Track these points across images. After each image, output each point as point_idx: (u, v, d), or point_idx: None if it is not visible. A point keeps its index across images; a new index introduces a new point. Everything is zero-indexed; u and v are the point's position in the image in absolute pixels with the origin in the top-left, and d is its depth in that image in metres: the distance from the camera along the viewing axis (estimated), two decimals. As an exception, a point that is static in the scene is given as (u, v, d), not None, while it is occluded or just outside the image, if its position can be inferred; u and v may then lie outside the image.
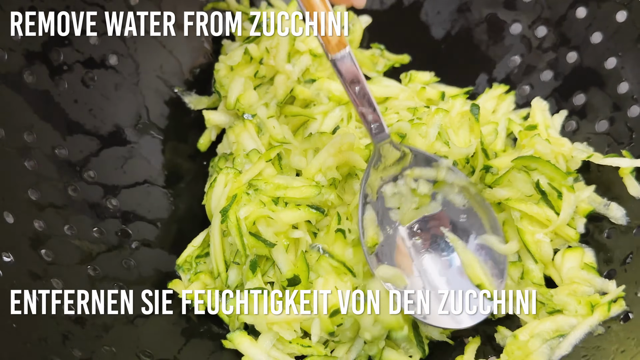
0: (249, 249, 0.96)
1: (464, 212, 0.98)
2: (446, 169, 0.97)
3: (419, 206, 0.99)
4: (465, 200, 0.98)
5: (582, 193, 1.02)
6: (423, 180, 0.98)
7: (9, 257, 0.85)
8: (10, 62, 0.95)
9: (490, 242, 0.96)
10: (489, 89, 1.17)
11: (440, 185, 0.99)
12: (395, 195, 0.98)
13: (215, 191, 1.04)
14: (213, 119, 1.17)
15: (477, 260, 0.96)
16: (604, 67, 1.08)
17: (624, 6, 1.05)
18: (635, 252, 0.95)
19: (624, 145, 1.03)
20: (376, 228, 0.96)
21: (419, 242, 0.98)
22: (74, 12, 1.03)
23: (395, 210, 0.99)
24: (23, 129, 0.96)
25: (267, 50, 1.14)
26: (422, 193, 0.99)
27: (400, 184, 0.98)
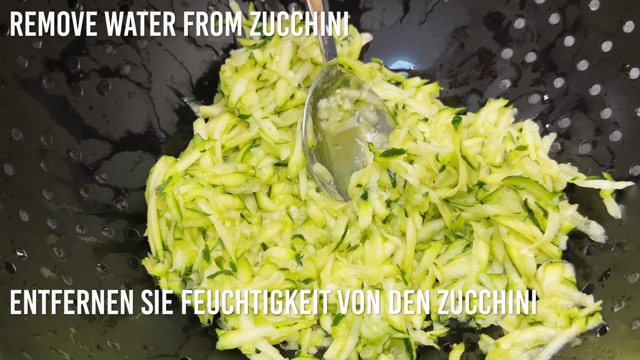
0: (186, 220, 0.97)
1: (374, 126, 1.15)
2: (368, 91, 1.14)
3: (342, 119, 1.14)
4: (376, 117, 1.15)
5: (565, 212, 1.03)
6: (347, 99, 1.14)
7: (23, 253, 0.85)
8: (30, 68, 0.96)
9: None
10: (490, 103, 1.17)
11: (360, 104, 1.14)
12: (326, 109, 1.13)
13: (153, 176, 1.05)
14: (204, 110, 1.18)
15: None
16: (589, 93, 1.09)
17: (610, 37, 1.06)
18: (612, 269, 0.95)
19: (605, 168, 1.04)
20: (313, 134, 1.11)
21: (338, 148, 1.14)
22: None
23: (325, 121, 1.13)
24: (40, 132, 0.97)
25: (271, 56, 1.15)
26: (346, 109, 1.14)
27: (332, 100, 1.13)
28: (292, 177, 1.09)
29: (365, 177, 1.03)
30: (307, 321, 0.99)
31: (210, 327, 1.00)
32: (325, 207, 1.08)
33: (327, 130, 1.13)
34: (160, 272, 1.00)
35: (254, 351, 0.96)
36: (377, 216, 1.02)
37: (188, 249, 0.99)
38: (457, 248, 1.05)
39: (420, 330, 0.99)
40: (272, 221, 1.08)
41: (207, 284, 0.94)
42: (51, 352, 0.75)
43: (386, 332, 0.92)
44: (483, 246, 1.02)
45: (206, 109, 1.18)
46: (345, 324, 0.97)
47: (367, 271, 1.00)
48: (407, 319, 0.98)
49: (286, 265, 1.00)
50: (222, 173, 1.04)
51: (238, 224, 1.04)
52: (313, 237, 1.06)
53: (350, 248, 1.02)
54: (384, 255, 1.03)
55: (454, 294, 1.00)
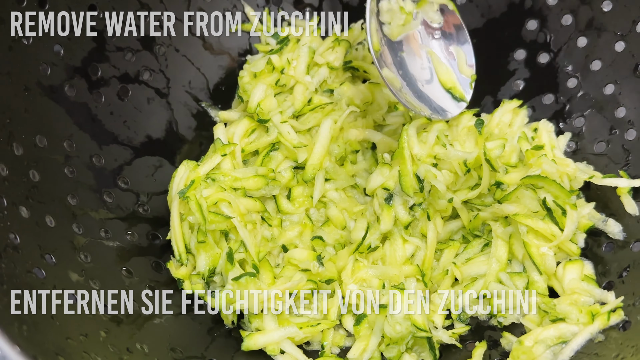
0: (209, 223, 0.97)
1: (439, 28, 1.08)
2: None
3: (405, 23, 1.05)
4: (441, 17, 1.08)
5: (582, 210, 1.03)
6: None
7: (52, 258, 0.85)
8: (52, 75, 0.96)
9: (457, 53, 1.09)
10: (504, 104, 1.17)
11: (422, 4, 1.06)
12: (388, 12, 1.04)
13: (175, 180, 1.05)
14: (223, 115, 1.18)
15: (449, 70, 1.08)
16: (603, 93, 1.09)
17: (622, 37, 1.06)
18: (632, 265, 0.95)
19: (621, 166, 1.04)
20: (377, 36, 1.02)
21: (403, 55, 1.06)
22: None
23: (387, 25, 1.04)
24: (64, 139, 0.97)
25: (288, 62, 1.15)
26: (407, 10, 1.05)
27: (393, 2, 1.04)
28: (309, 180, 1.08)
29: (392, 179, 1.02)
30: (330, 321, 0.99)
31: (234, 328, 1.00)
32: (345, 207, 1.08)
33: (390, 35, 1.05)
34: (184, 274, 1.00)
35: (279, 352, 0.96)
36: (400, 222, 1.02)
37: (211, 251, 0.99)
38: (476, 247, 1.05)
39: (442, 328, 0.99)
40: (292, 223, 1.08)
41: (232, 285, 0.94)
42: (84, 355, 0.75)
43: (409, 332, 0.92)
44: (502, 245, 1.01)
45: (225, 114, 1.18)
46: (367, 324, 0.97)
47: (388, 271, 1.00)
48: (429, 318, 0.98)
49: (308, 267, 1.00)
50: (243, 176, 1.04)
51: (259, 226, 1.04)
52: (332, 239, 1.05)
53: (370, 249, 1.02)
54: (405, 256, 1.02)
55: (474, 293, 1.00)
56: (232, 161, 1.07)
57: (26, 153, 0.89)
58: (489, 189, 1.00)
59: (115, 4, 1.05)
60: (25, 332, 0.68)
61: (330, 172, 1.08)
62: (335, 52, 1.17)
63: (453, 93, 1.07)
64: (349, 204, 1.08)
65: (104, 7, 1.03)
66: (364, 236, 1.01)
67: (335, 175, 1.09)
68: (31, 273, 0.80)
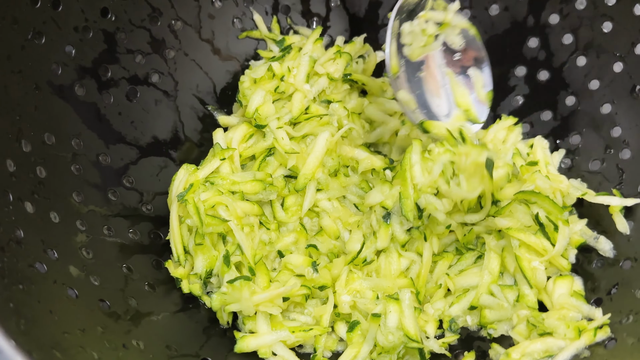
0: (206, 226, 0.97)
1: (460, 51, 1.04)
2: (453, 13, 1.01)
3: (425, 44, 1.02)
4: (462, 40, 1.03)
5: (575, 226, 1.02)
6: (431, 22, 1.01)
7: (54, 253, 0.85)
8: (63, 75, 0.96)
9: (475, 77, 1.04)
10: (499, 120, 1.16)
11: (445, 27, 1.01)
12: (410, 34, 1.01)
13: (175, 183, 1.05)
14: (223, 119, 1.18)
15: (465, 92, 1.04)
16: (600, 112, 1.08)
17: (621, 58, 1.05)
18: (620, 283, 0.95)
19: (614, 185, 1.04)
20: (397, 58, 1.00)
21: (422, 75, 1.03)
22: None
23: (407, 46, 1.01)
24: (71, 137, 0.97)
25: (288, 69, 1.15)
26: (429, 33, 1.01)
27: (415, 24, 1.00)
28: (300, 189, 1.06)
29: (391, 199, 1.01)
30: (322, 328, 0.98)
31: (229, 328, 1.00)
32: (339, 217, 1.07)
33: (409, 56, 1.02)
34: (182, 274, 1.00)
35: (271, 354, 0.95)
36: (397, 241, 1.01)
37: (208, 253, 0.99)
38: (469, 259, 1.04)
39: (433, 338, 0.98)
40: (288, 230, 1.07)
41: (227, 288, 0.94)
42: (80, 350, 0.75)
43: (401, 342, 0.92)
44: (495, 258, 1.01)
45: (225, 118, 1.18)
46: (360, 331, 0.96)
47: (382, 284, 0.99)
48: (421, 327, 0.98)
49: (303, 272, 1.00)
50: (241, 180, 1.04)
51: (257, 229, 1.04)
52: (326, 248, 1.04)
53: (365, 263, 1.02)
54: (399, 270, 1.02)
55: (466, 304, 0.99)
56: (231, 165, 1.07)
57: (34, 150, 0.89)
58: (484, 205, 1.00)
59: (127, 7, 1.05)
60: (23, 326, 0.68)
61: (322, 183, 1.07)
62: (336, 64, 1.17)
63: (468, 115, 1.03)
64: (343, 213, 1.07)
65: (116, 11, 1.03)
66: (359, 250, 1.01)
67: (327, 187, 1.07)
68: (33, 267, 0.80)
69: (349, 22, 1.27)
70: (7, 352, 0.60)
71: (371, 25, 1.26)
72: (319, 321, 0.99)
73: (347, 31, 1.26)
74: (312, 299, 1.01)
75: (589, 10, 1.08)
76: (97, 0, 1.00)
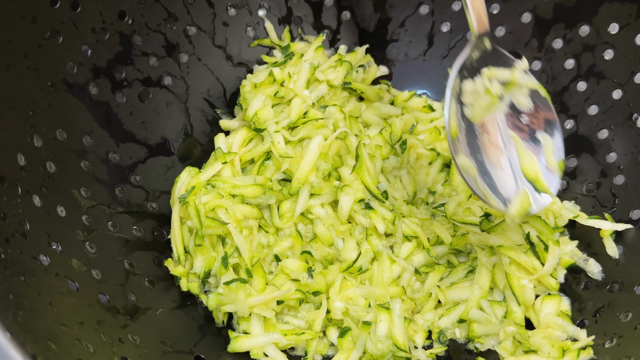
0: (205, 228, 0.96)
1: (528, 113, 0.92)
2: (521, 71, 0.91)
3: (489, 106, 0.91)
4: (531, 103, 0.91)
5: (565, 247, 1.01)
6: (496, 80, 0.90)
7: (58, 246, 0.85)
8: (78, 74, 0.96)
9: (545, 141, 0.92)
10: None
11: (511, 87, 0.91)
12: (472, 93, 0.90)
13: (177, 185, 1.04)
14: (224, 123, 1.17)
15: (534, 159, 0.90)
16: (597, 137, 1.07)
17: (620, 86, 1.04)
18: (606, 306, 0.93)
19: (607, 209, 1.02)
20: (456, 120, 0.89)
21: (486, 139, 0.91)
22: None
23: (469, 107, 0.90)
24: (83, 134, 0.96)
25: (289, 75, 1.14)
26: (494, 93, 0.90)
27: (478, 82, 0.90)
28: (294, 193, 1.05)
29: (359, 191, 1.03)
30: (314, 332, 0.98)
31: (224, 327, 1.00)
32: (331, 224, 1.05)
33: (471, 117, 0.90)
34: (181, 273, 1.00)
35: (263, 355, 0.95)
36: (388, 221, 1.03)
37: (207, 254, 0.98)
38: (460, 273, 1.03)
39: (421, 348, 0.98)
40: (285, 235, 1.06)
41: (223, 289, 0.94)
42: (76, 342, 0.74)
43: (390, 350, 0.91)
44: (486, 273, 1.00)
45: (226, 122, 1.17)
46: (351, 337, 0.95)
47: (375, 292, 0.98)
48: (410, 337, 0.97)
49: (298, 277, 0.99)
50: (242, 184, 1.03)
51: (256, 232, 1.03)
52: (320, 255, 1.03)
53: (360, 271, 1.01)
54: (391, 277, 1.01)
55: (455, 317, 0.98)
56: (232, 169, 1.06)
57: (45, 145, 0.89)
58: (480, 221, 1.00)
59: (145, 11, 1.05)
60: (21, 317, 0.67)
61: (316, 186, 1.05)
62: (336, 72, 1.16)
63: (535, 185, 0.90)
64: (335, 220, 1.06)
65: (133, 14, 1.03)
66: (355, 259, 1.00)
67: (320, 190, 1.05)
68: (36, 260, 0.80)
69: (358, 36, 1.26)
70: (2, 344, 0.59)
71: (380, 40, 1.25)
72: (312, 325, 0.98)
73: (357, 44, 1.25)
74: (305, 303, 1.00)
75: (592, 38, 1.06)
76: (115, 2, 1.00)
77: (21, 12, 0.85)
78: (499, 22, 1.16)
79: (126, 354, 0.81)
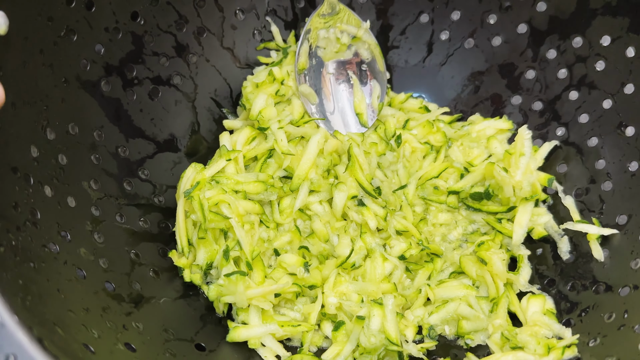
0: (209, 222, 0.96)
1: (366, 62, 1.17)
2: (365, 30, 1.15)
3: (338, 51, 1.15)
4: (369, 55, 1.16)
5: (540, 218, 1.02)
6: (346, 33, 1.14)
7: (67, 235, 0.85)
8: (90, 71, 0.96)
9: (374, 87, 1.17)
10: (498, 118, 1.16)
11: (356, 40, 1.15)
12: (325, 39, 1.14)
13: (183, 180, 1.04)
14: (227, 123, 1.17)
15: (364, 98, 1.16)
16: (587, 145, 1.07)
17: (611, 96, 1.04)
18: (591, 307, 0.93)
19: (595, 214, 1.02)
20: (306, 58, 1.13)
21: (331, 77, 1.15)
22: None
23: (322, 49, 1.14)
24: (94, 128, 0.96)
25: (287, 73, 1.14)
26: (343, 42, 1.15)
27: (331, 32, 1.13)
28: (295, 189, 1.05)
29: (353, 188, 1.04)
30: (309, 325, 0.97)
31: (224, 317, 1.00)
32: (328, 221, 1.05)
33: (322, 57, 1.14)
34: (184, 264, 1.00)
35: (260, 345, 0.95)
36: (380, 217, 1.03)
37: (210, 247, 0.98)
38: (445, 273, 1.04)
39: (412, 342, 0.97)
40: (284, 230, 1.06)
41: (224, 281, 0.94)
42: (81, 328, 0.74)
43: (382, 344, 0.91)
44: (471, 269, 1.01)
45: (229, 122, 1.17)
46: (345, 331, 0.95)
47: (367, 288, 0.98)
48: (401, 331, 0.97)
49: (295, 271, 0.99)
50: (245, 181, 1.03)
51: (257, 227, 1.03)
52: (317, 250, 1.03)
53: (354, 267, 1.01)
54: (383, 274, 1.01)
55: (444, 314, 0.98)
56: (236, 166, 1.06)
57: (58, 138, 0.89)
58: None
59: (156, 13, 1.05)
60: (29, 302, 0.67)
61: (315, 183, 1.05)
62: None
63: (359, 118, 1.14)
64: (332, 217, 1.06)
65: (146, 15, 1.03)
66: (349, 255, 1.00)
67: (319, 187, 1.05)
68: (46, 247, 0.79)
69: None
70: (10, 326, 0.59)
71: (381, 46, 1.24)
72: (307, 318, 0.98)
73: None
74: (302, 297, 1.00)
75: (585, 49, 1.06)
76: (128, 4, 1.00)
77: (38, 11, 0.85)
78: (495, 32, 1.16)
79: (130, 340, 0.81)
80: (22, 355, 0.58)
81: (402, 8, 1.22)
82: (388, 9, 1.23)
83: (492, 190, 1.03)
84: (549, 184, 1.06)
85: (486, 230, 1.06)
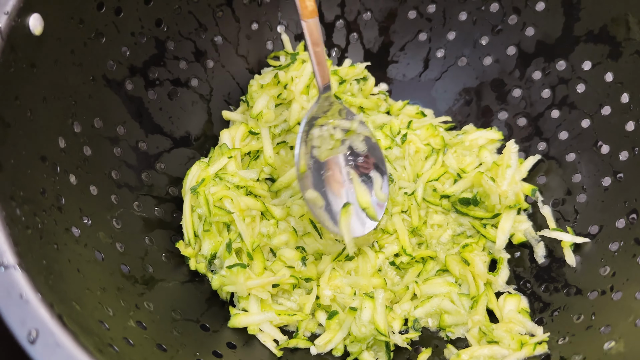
0: (213, 216, 0.96)
1: (363, 155, 1.01)
2: (358, 122, 1.00)
3: (333, 147, 1.00)
4: (365, 146, 1.00)
5: (520, 225, 1.02)
6: (339, 129, 0.99)
7: (88, 220, 0.85)
8: (116, 71, 0.95)
9: (375, 179, 1.00)
10: (490, 129, 1.16)
11: (350, 134, 1.00)
12: (319, 137, 0.98)
13: (189, 177, 1.04)
14: (227, 114, 1.16)
15: (366, 191, 0.99)
16: (565, 159, 1.07)
17: (589, 116, 1.04)
18: (562, 308, 0.93)
19: (570, 223, 1.02)
20: (305, 159, 0.96)
21: (330, 175, 0.98)
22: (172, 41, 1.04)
23: (317, 148, 0.98)
24: (117, 124, 0.96)
25: (292, 78, 1.13)
26: (336, 138, 0.99)
27: (324, 129, 0.98)
28: (274, 190, 1.05)
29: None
30: (305, 314, 0.97)
31: (227, 302, 1.00)
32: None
33: (318, 156, 0.98)
34: (190, 254, 0.99)
35: (259, 330, 0.95)
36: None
37: (214, 239, 0.98)
38: (431, 272, 1.04)
39: (397, 333, 0.98)
40: (282, 230, 1.04)
41: (226, 272, 0.94)
42: (98, 305, 0.74)
43: (371, 334, 0.91)
44: (455, 270, 1.01)
45: (228, 113, 1.16)
46: (337, 320, 0.95)
47: (359, 281, 0.98)
48: (389, 323, 0.97)
49: (293, 264, 0.99)
50: (247, 178, 1.03)
51: (258, 221, 1.02)
52: (312, 249, 1.02)
53: (347, 258, 1.01)
54: (374, 268, 1.01)
55: (428, 308, 0.99)
56: (235, 163, 1.05)
57: (83, 131, 0.88)
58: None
59: (179, 20, 1.05)
60: (51, 281, 0.67)
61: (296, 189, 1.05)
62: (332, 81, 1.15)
63: (367, 212, 0.98)
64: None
65: (169, 22, 1.03)
66: (341, 251, 1.00)
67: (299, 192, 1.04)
68: (69, 231, 0.79)
69: (363, 55, 1.26)
70: (33, 303, 0.60)
71: (382, 60, 1.25)
72: (302, 308, 0.98)
73: (361, 62, 1.25)
74: (298, 288, 1.00)
75: (567, 72, 1.06)
76: (153, 11, 1.00)
77: (70, 14, 0.85)
78: (487, 52, 1.16)
79: (141, 318, 0.81)
80: (43, 329, 0.58)
81: (402, 26, 1.22)
82: (390, 27, 1.23)
83: (479, 197, 1.03)
84: (532, 195, 1.06)
85: (472, 234, 1.06)
